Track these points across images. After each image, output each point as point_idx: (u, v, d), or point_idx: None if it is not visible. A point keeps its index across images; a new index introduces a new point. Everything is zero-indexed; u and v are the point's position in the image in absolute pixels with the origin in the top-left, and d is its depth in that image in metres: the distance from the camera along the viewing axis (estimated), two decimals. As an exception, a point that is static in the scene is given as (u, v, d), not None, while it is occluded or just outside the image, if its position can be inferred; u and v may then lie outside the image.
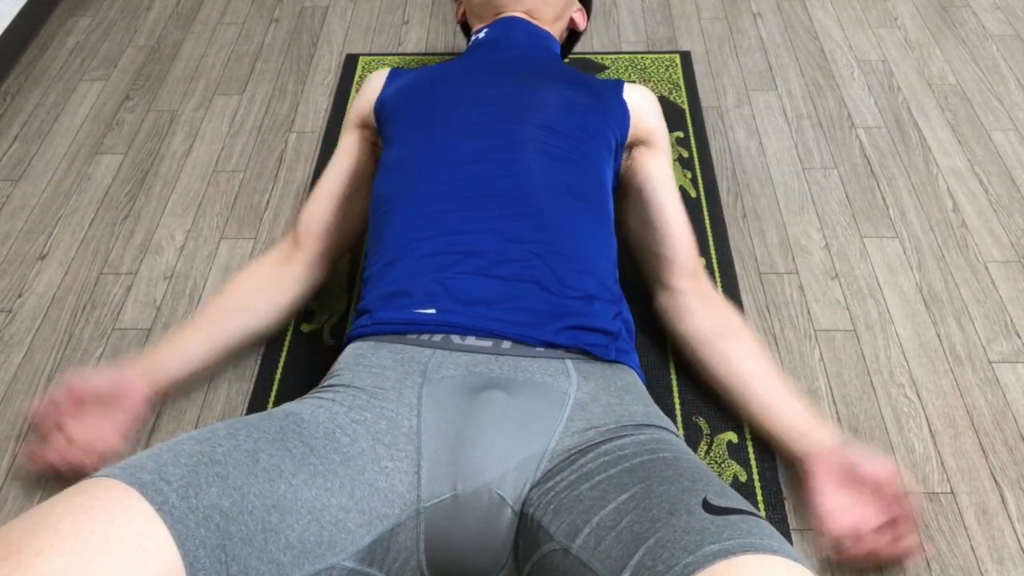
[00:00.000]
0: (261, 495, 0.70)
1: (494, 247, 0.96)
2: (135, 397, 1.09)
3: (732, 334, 1.13)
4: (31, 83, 1.79)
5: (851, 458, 1.00)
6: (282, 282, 1.20)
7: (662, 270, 1.19)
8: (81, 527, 0.60)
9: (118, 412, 1.08)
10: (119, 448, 1.08)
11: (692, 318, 1.16)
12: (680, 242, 1.18)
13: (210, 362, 1.17)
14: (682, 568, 0.62)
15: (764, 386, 1.09)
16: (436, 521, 0.80)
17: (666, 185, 1.20)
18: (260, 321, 1.19)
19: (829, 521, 0.98)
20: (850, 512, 0.98)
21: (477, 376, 0.86)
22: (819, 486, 1.01)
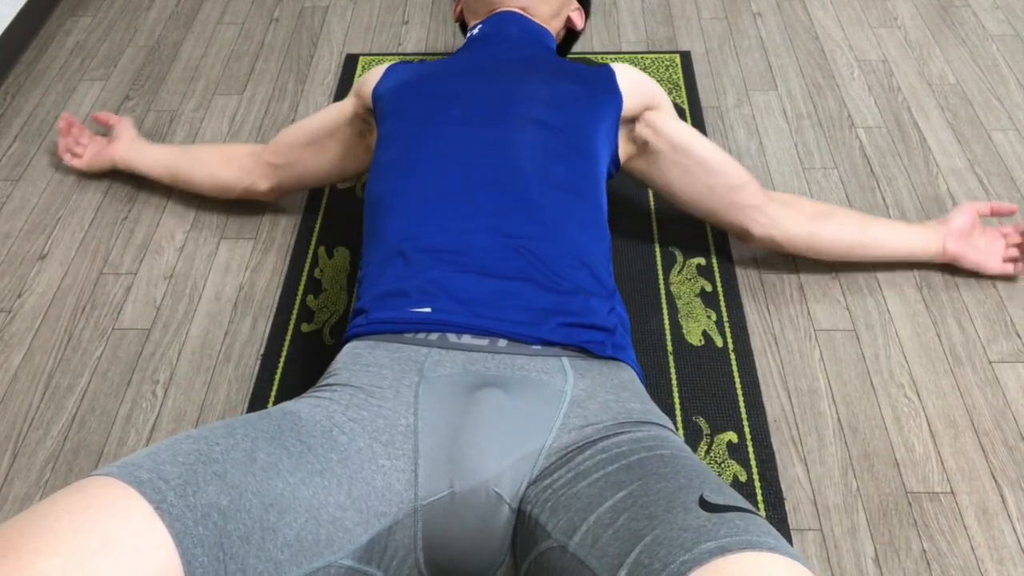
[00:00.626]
0: (259, 493, 0.70)
1: (488, 244, 0.96)
2: (110, 151, 1.53)
3: (826, 214, 1.30)
4: (31, 83, 1.79)
5: (956, 227, 1.31)
6: (233, 163, 1.43)
7: (740, 197, 1.27)
8: (79, 526, 0.60)
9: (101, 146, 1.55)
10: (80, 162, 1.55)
11: (795, 221, 1.29)
12: (737, 167, 1.27)
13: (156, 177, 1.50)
14: (679, 566, 0.62)
15: (879, 236, 1.31)
16: (433, 519, 0.80)
17: (693, 132, 1.26)
18: (198, 177, 1.46)
19: (999, 265, 1.32)
20: (988, 248, 1.33)
21: (474, 374, 0.86)
22: (970, 259, 1.31)
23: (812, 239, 1.29)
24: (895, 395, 1.19)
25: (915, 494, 1.08)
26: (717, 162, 1.25)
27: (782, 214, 1.28)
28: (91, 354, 1.28)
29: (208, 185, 1.46)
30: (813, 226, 1.29)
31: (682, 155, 1.24)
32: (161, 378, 1.24)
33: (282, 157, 1.37)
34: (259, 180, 1.41)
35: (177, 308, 1.34)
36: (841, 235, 1.29)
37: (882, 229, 1.31)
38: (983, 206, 1.32)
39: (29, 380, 1.25)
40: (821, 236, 1.29)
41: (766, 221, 1.28)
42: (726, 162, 1.26)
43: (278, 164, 1.38)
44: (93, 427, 1.19)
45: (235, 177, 1.43)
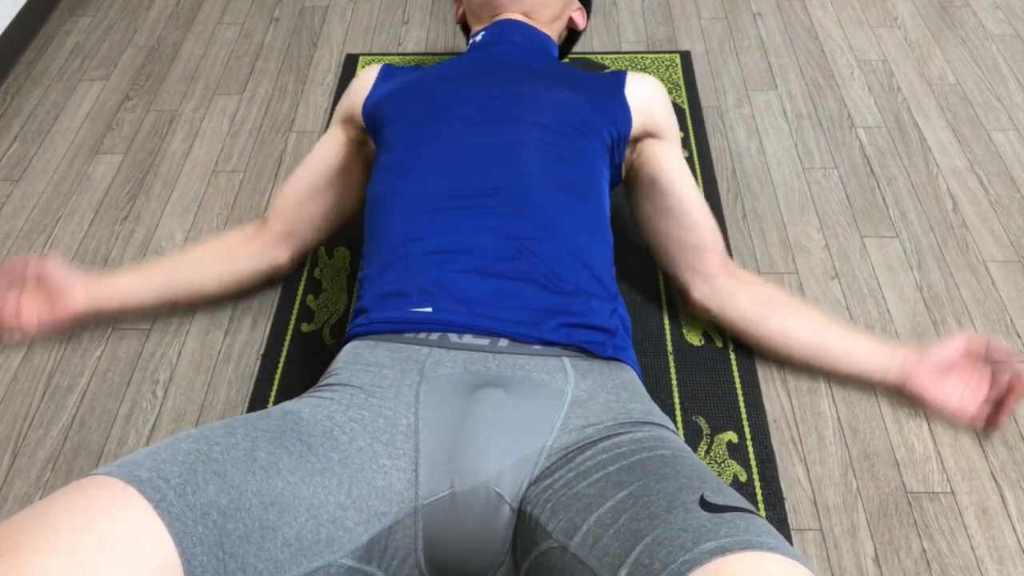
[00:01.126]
0: (259, 493, 0.70)
1: (490, 245, 0.95)
2: (68, 304, 1.20)
3: (777, 305, 1.18)
4: (31, 83, 1.79)
5: (935, 358, 1.10)
6: (239, 252, 1.26)
7: (695, 259, 1.20)
8: (79, 524, 0.60)
9: (50, 305, 1.20)
10: (24, 329, 1.20)
11: (736, 301, 1.18)
12: (707, 228, 1.19)
13: (149, 305, 1.25)
14: (679, 566, 0.62)
15: (831, 342, 1.15)
16: (434, 519, 0.80)
17: (681, 174, 1.19)
18: (206, 286, 1.26)
19: (961, 415, 1.09)
20: (969, 396, 1.10)
21: (474, 374, 0.86)
22: (931, 397, 1.11)
23: (748, 325, 1.18)
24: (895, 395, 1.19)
25: (915, 494, 1.08)
26: (687, 215, 1.18)
27: (729, 292, 1.19)
28: (91, 354, 1.28)
29: (217, 289, 1.27)
30: (755, 313, 1.18)
31: (657, 193, 1.19)
32: (161, 378, 1.24)
33: (294, 221, 1.26)
34: (277, 256, 1.28)
35: (177, 308, 1.34)
36: (786, 332, 1.17)
37: (839, 339, 1.15)
38: (978, 344, 1.10)
39: (29, 380, 1.24)
40: (761, 326, 1.17)
41: (708, 292, 1.20)
42: (697, 220, 1.18)
43: (292, 230, 1.26)
44: (93, 427, 1.19)
45: (250, 267, 1.27)
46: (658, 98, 1.20)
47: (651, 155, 1.19)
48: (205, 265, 1.25)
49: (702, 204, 1.19)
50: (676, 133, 1.22)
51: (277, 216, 1.26)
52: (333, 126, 1.26)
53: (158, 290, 1.24)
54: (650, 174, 1.19)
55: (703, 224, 1.19)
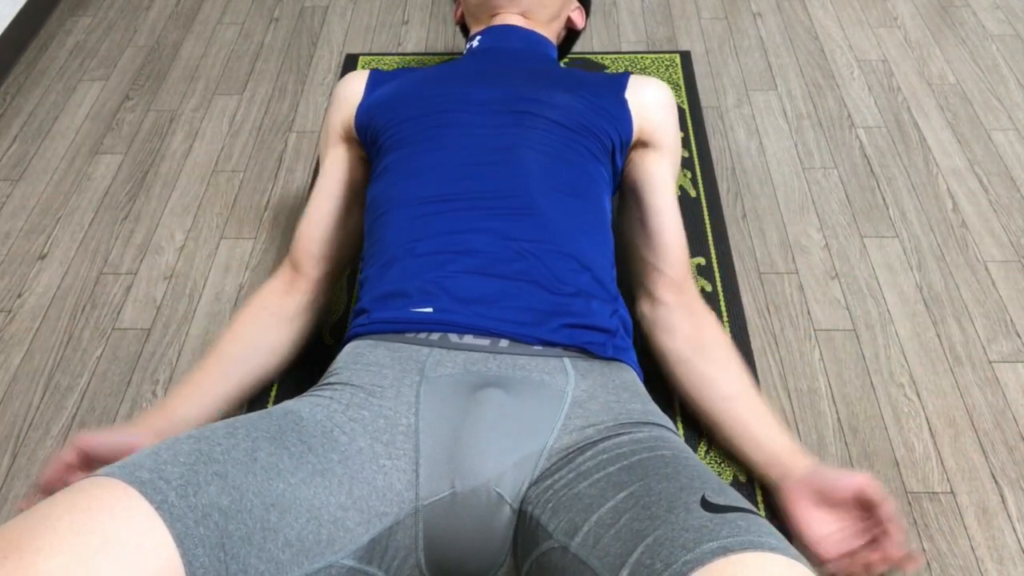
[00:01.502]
0: (260, 493, 0.70)
1: (491, 246, 0.95)
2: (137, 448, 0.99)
3: (707, 353, 1.08)
4: (31, 83, 1.79)
5: (823, 482, 0.96)
6: (288, 315, 1.14)
7: (648, 279, 1.14)
8: (81, 526, 0.60)
9: None
10: None
11: (670, 335, 1.11)
12: (670, 252, 1.13)
13: (221, 410, 1.08)
14: (681, 566, 0.62)
15: (734, 411, 1.06)
16: (435, 519, 0.80)
17: (661, 188, 1.15)
18: (271, 360, 1.12)
19: (820, 549, 0.94)
20: (837, 535, 0.95)
21: (475, 375, 0.86)
22: (798, 514, 0.97)
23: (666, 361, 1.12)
24: (895, 395, 1.19)
25: (915, 494, 1.08)
26: (655, 234, 1.13)
27: (665, 323, 1.12)
28: (91, 354, 1.28)
29: (281, 362, 1.15)
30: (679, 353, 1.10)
31: (634, 202, 1.16)
32: (161, 378, 1.24)
33: (326, 260, 1.17)
34: (321, 299, 1.19)
35: (177, 308, 1.34)
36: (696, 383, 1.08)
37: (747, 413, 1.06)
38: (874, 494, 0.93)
39: (29, 380, 1.25)
40: (676, 368, 1.10)
41: (648, 314, 1.14)
42: (666, 242, 1.13)
43: (327, 270, 1.18)
44: (93, 427, 1.19)
45: (300, 326, 1.16)
46: (659, 105, 1.17)
47: (640, 163, 1.17)
48: (263, 348, 1.11)
49: (674, 227, 1.14)
50: (672, 146, 1.18)
51: (311, 261, 1.16)
52: (331, 148, 1.21)
53: (224, 397, 1.08)
54: (633, 181, 1.17)
55: (668, 247, 1.13)
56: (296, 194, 1.52)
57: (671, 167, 1.18)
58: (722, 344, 1.09)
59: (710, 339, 1.09)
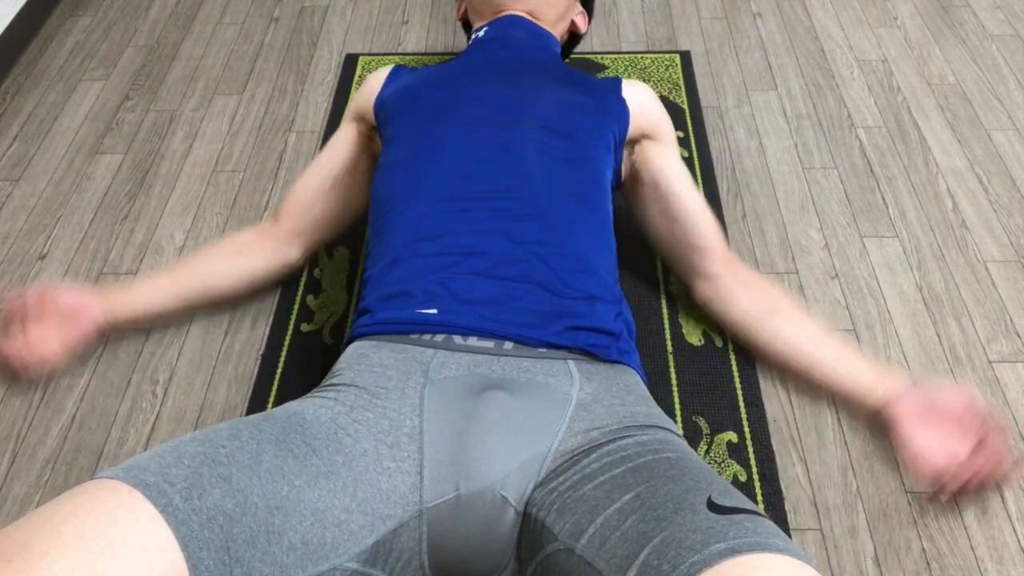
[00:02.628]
0: (264, 496, 0.70)
1: (495, 248, 0.95)
2: (88, 319, 1.20)
3: (777, 309, 1.17)
4: (31, 83, 1.78)
5: (927, 396, 1.04)
6: (251, 251, 1.27)
7: (697, 260, 1.21)
8: (85, 529, 0.60)
9: (70, 327, 1.19)
10: (57, 358, 1.20)
11: (737, 303, 1.19)
12: (707, 228, 1.20)
13: (166, 311, 1.26)
14: (688, 567, 0.62)
15: (823, 353, 1.14)
16: (439, 522, 0.80)
17: (680, 176, 1.20)
18: (220, 283, 1.26)
19: (922, 461, 1.01)
20: (940, 447, 1.01)
21: (479, 377, 0.86)
22: (904, 430, 1.05)
23: (746, 331, 1.19)
24: (895, 395, 1.19)
25: (915, 494, 1.09)
26: (689, 216, 1.19)
27: (730, 294, 1.20)
28: (90, 354, 1.27)
29: (232, 289, 1.28)
30: (752, 318, 1.18)
31: (659, 195, 1.20)
32: (161, 378, 1.24)
33: (306, 219, 1.27)
34: (290, 252, 1.30)
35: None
36: (781, 338, 1.16)
37: (831, 353, 1.14)
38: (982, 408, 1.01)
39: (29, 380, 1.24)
40: (756, 332, 1.18)
41: (710, 293, 1.22)
42: (700, 221, 1.19)
43: (304, 228, 1.28)
44: (93, 427, 1.19)
45: (263, 266, 1.28)
46: (652, 101, 1.21)
47: (650, 158, 1.20)
48: (218, 266, 1.26)
49: (702, 204, 1.20)
50: (673, 136, 1.23)
51: (289, 214, 1.27)
52: (344, 124, 1.28)
53: (172, 296, 1.24)
54: (651, 177, 1.20)
55: (704, 224, 1.20)
56: (296, 194, 1.52)
57: (678, 155, 1.23)
58: (785, 296, 1.20)
59: (774, 295, 1.19)
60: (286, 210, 1.28)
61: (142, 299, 1.23)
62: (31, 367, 1.19)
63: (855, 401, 1.12)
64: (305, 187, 1.27)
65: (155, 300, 1.24)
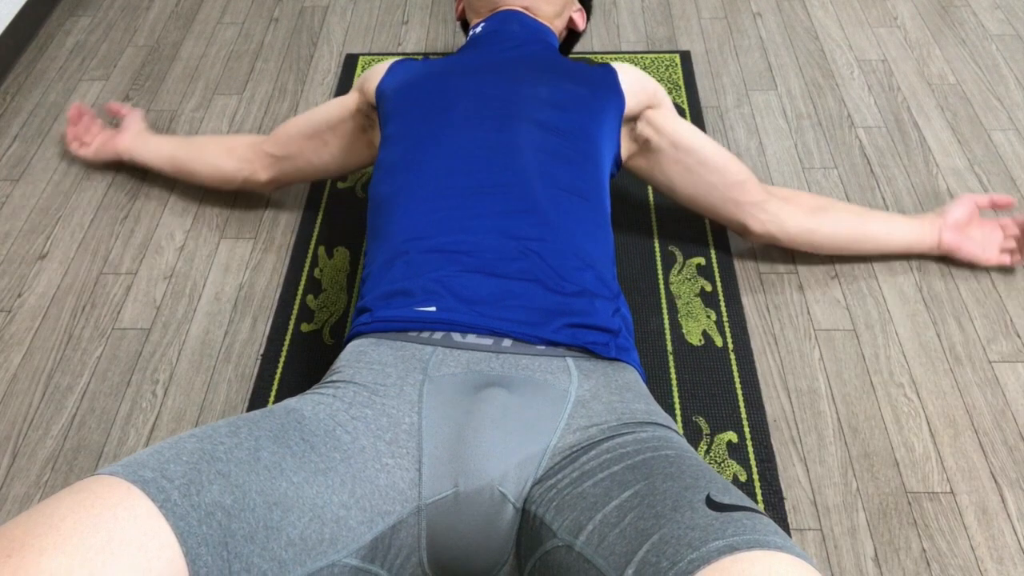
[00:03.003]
0: (263, 492, 0.70)
1: (493, 245, 0.95)
2: (117, 142, 1.54)
3: (821, 207, 1.32)
4: (31, 83, 1.79)
5: (953, 219, 1.34)
6: (233, 152, 1.44)
7: (741, 194, 1.28)
8: (83, 525, 0.60)
9: (108, 136, 1.56)
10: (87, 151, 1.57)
11: (793, 216, 1.30)
12: (733, 165, 1.28)
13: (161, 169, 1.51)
14: (687, 564, 0.62)
15: (875, 229, 1.33)
16: (438, 518, 0.80)
17: (693, 129, 1.27)
18: (200, 167, 1.46)
19: (991, 255, 1.34)
20: (986, 240, 1.34)
21: (478, 374, 0.86)
22: (960, 249, 1.33)
23: (810, 235, 1.31)
24: (895, 395, 1.19)
25: (915, 494, 1.09)
26: (718, 160, 1.27)
27: (781, 210, 1.30)
28: (91, 354, 1.27)
29: (208, 175, 1.46)
30: (811, 221, 1.31)
31: (683, 153, 1.26)
32: (161, 378, 1.24)
33: (283, 148, 1.38)
34: (259, 170, 1.42)
35: (177, 308, 1.34)
36: (838, 230, 1.32)
37: (879, 223, 1.33)
38: (982, 199, 1.34)
39: (29, 380, 1.24)
40: (818, 231, 1.31)
41: (765, 218, 1.30)
42: (726, 159, 1.27)
43: (278, 155, 1.39)
44: (93, 427, 1.19)
45: (235, 167, 1.43)
46: (643, 75, 1.25)
47: (661, 123, 1.25)
48: (204, 152, 1.46)
49: (719, 147, 1.28)
50: (668, 99, 1.28)
51: (274, 139, 1.39)
52: (350, 92, 1.33)
53: (168, 157, 1.49)
54: (670, 139, 1.25)
55: (732, 161, 1.28)
56: (296, 194, 1.52)
57: (677, 114, 1.28)
58: (820, 198, 1.34)
59: (810, 198, 1.34)
60: (273, 134, 1.40)
61: (152, 150, 1.50)
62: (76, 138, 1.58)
63: (919, 252, 1.36)
64: (293, 123, 1.37)
65: (158, 155, 1.50)
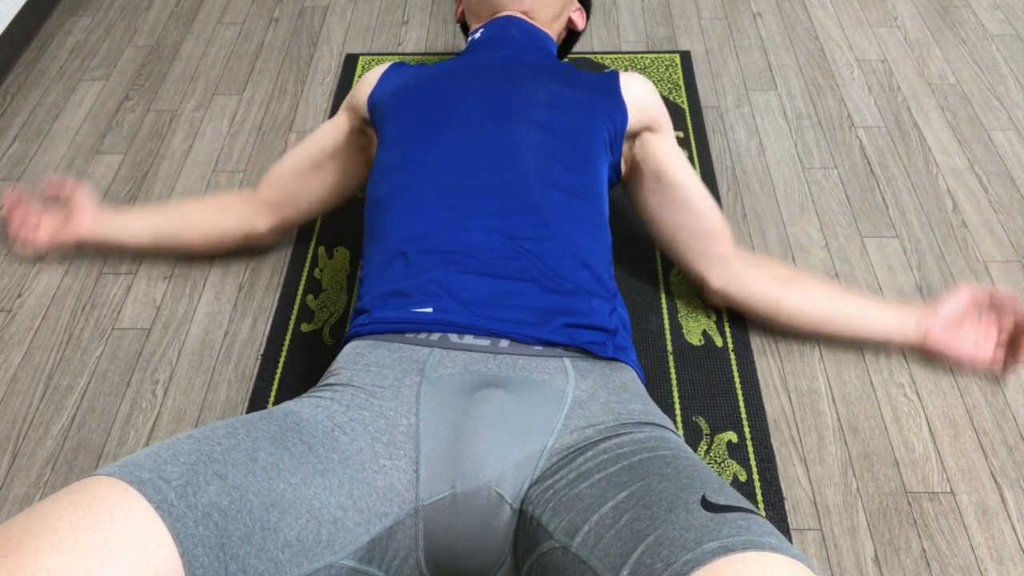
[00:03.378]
0: (260, 493, 0.70)
1: (491, 245, 0.96)
2: (76, 225, 1.35)
3: (791, 280, 1.22)
4: (31, 83, 1.79)
5: (946, 313, 1.18)
6: (224, 210, 1.34)
7: (708, 246, 1.22)
8: (80, 525, 0.60)
9: (62, 224, 1.37)
10: (36, 244, 1.38)
11: (755, 280, 1.22)
12: (712, 214, 1.21)
13: (141, 246, 1.37)
14: (681, 565, 0.62)
15: (848, 311, 1.21)
16: (435, 519, 0.80)
17: (682, 165, 1.21)
18: (189, 235, 1.35)
19: (981, 359, 1.18)
20: (982, 341, 1.18)
21: (475, 375, 0.86)
22: (949, 349, 1.19)
23: (772, 305, 1.22)
24: (895, 395, 1.19)
25: (915, 494, 1.08)
26: (696, 202, 1.20)
27: (746, 273, 1.22)
28: (91, 354, 1.28)
29: (201, 242, 1.36)
30: (776, 291, 1.21)
31: (663, 185, 1.21)
32: (161, 378, 1.24)
33: (280, 192, 1.31)
34: (258, 223, 1.34)
35: (177, 308, 1.34)
36: (805, 306, 1.21)
37: (855, 306, 1.21)
38: (981, 293, 1.19)
39: (29, 380, 1.25)
40: (783, 303, 1.21)
41: (727, 276, 1.23)
42: (706, 207, 1.21)
43: (276, 201, 1.32)
44: (93, 427, 1.19)
45: (231, 226, 1.34)
46: (651, 94, 1.21)
47: (652, 149, 1.20)
48: (192, 218, 1.35)
49: (706, 191, 1.22)
50: (671, 127, 1.23)
51: (267, 185, 1.32)
52: (339, 113, 1.29)
53: (149, 233, 1.35)
54: (654, 168, 1.20)
55: (710, 210, 1.21)
56: (296, 194, 1.52)
57: (676, 145, 1.23)
58: (790, 267, 1.26)
59: (783, 268, 1.24)
60: (265, 180, 1.32)
61: (125, 228, 1.35)
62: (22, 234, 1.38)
63: (893, 343, 1.22)
64: (286, 163, 1.31)
65: (133, 234, 1.35)
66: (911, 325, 1.19)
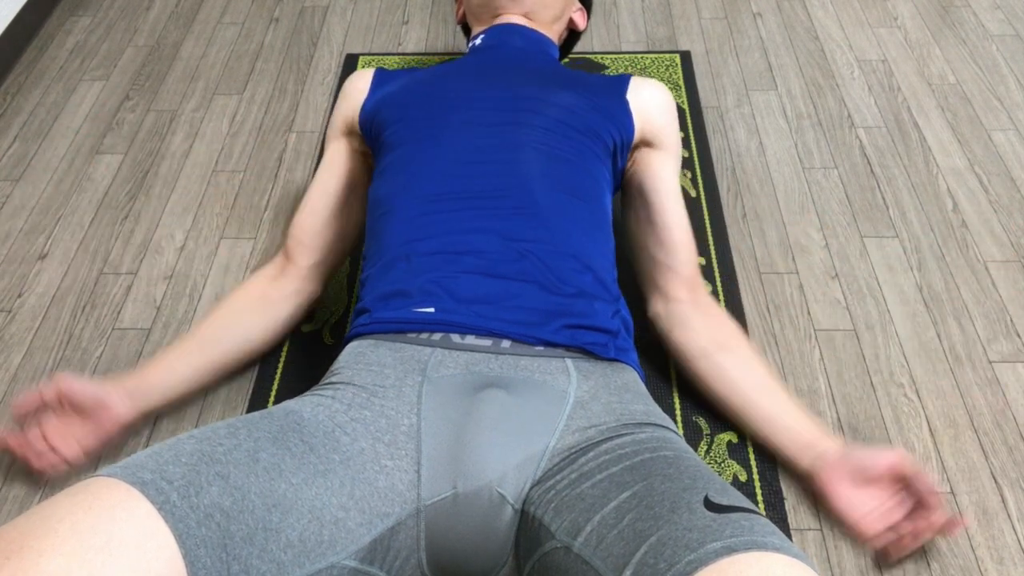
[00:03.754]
0: (262, 494, 0.70)
1: (493, 246, 0.96)
2: (110, 418, 1.07)
3: (728, 347, 1.10)
4: (31, 83, 1.79)
5: (858, 461, 1.00)
6: (273, 300, 1.18)
7: (660, 277, 1.16)
8: (82, 527, 0.60)
9: (92, 425, 1.07)
10: (76, 459, 1.07)
11: (686, 330, 1.12)
12: (681, 250, 1.14)
13: (198, 385, 1.14)
14: (684, 565, 0.62)
15: (763, 402, 1.08)
16: (437, 520, 0.80)
17: (668, 188, 1.16)
18: (251, 343, 1.17)
19: (863, 527, 1.00)
20: (877, 511, 1.00)
21: (477, 375, 0.86)
22: (837, 496, 1.01)
23: (688, 357, 1.12)
24: (895, 395, 1.19)
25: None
26: (664, 232, 1.15)
27: (682, 320, 1.13)
28: (91, 354, 1.27)
29: (263, 344, 1.19)
30: (698, 348, 1.11)
31: (641, 203, 1.18)
32: (161, 378, 1.24)
33: (319, 250, 1.20)
34: (312, 290, 1.22)
35: (177, 308, 1.34)
36: (719, 376, 1.10)
37: (769, 405, 1.08)
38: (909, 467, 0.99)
39: (29, 380, 1.24)
40: (699, 361, 1.11)
41: (662, 312, 1.16)
42: (674, 241, 1.14)
43: (319, 259, 1.20)
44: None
45: (288, 311, 1.19)
46: (660, 106, 1.18)
47: (645, 163, 1.18)
48: (245, 324, 1.16)
49: (683, 225, 1.15)
50: (675, 146, 1.19)
51: (302, 249, 1.19)
52: (333, 140, 1.24)
53: (200, 370, 1.13)
54: (639, 182, 1.18)
55: (678, 245, 1.14)
56: (296, 194, 1.52)
57: (675, 167, 1.19)
58: (740, 338, 1.12)
59: (728, 334, 1.12)
60: (296, 245, 1.19)
61: (168, 385, 1.11)
62: (48, 465, 1.07)
63: (786, 459, 1.07)
64: (310, 217, 1.20)
65: (181, 382, 1.12)
66: (813, 453, 1.04)
